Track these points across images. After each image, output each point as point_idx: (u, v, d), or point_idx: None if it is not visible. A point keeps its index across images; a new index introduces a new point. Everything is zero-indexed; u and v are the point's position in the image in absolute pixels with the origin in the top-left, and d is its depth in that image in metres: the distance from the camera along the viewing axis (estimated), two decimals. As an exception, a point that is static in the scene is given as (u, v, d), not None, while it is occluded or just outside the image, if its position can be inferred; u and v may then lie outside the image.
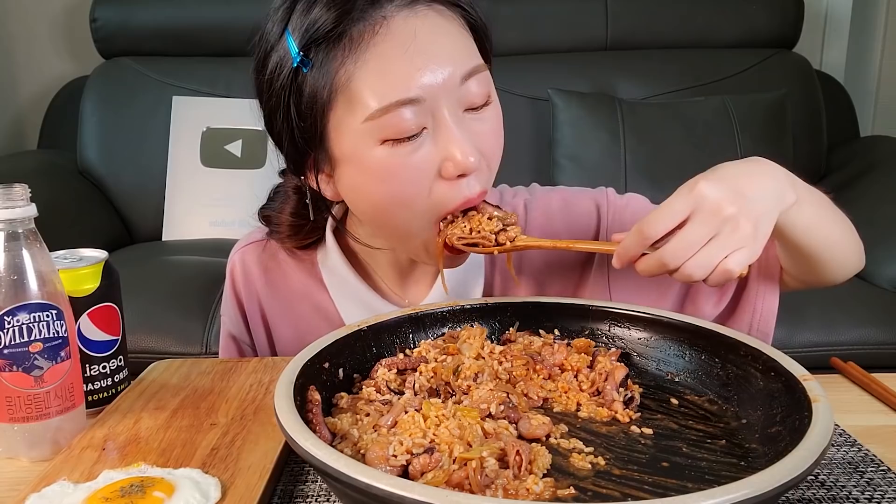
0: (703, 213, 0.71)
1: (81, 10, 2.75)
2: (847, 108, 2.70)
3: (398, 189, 0.79)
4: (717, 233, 0.71)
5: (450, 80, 0.77)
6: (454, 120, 0.78)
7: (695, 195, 0.72)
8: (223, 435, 0.73)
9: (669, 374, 0.80)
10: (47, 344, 0.73)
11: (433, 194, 0.80)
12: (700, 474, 0.62)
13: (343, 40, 0.76)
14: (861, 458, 0.69)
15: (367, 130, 0.77)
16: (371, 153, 0.78)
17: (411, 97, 0.76)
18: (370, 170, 0.79)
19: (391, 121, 0.76)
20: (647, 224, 0.73)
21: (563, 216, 0.99)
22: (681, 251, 0.72)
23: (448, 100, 0.78)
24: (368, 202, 0.83)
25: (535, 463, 0.61)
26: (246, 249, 1.04)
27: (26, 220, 0.72)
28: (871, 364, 0.94)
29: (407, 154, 0.78)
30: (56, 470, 0.68)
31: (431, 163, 0.79)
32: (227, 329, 1.06)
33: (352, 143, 0.79)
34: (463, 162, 0.78)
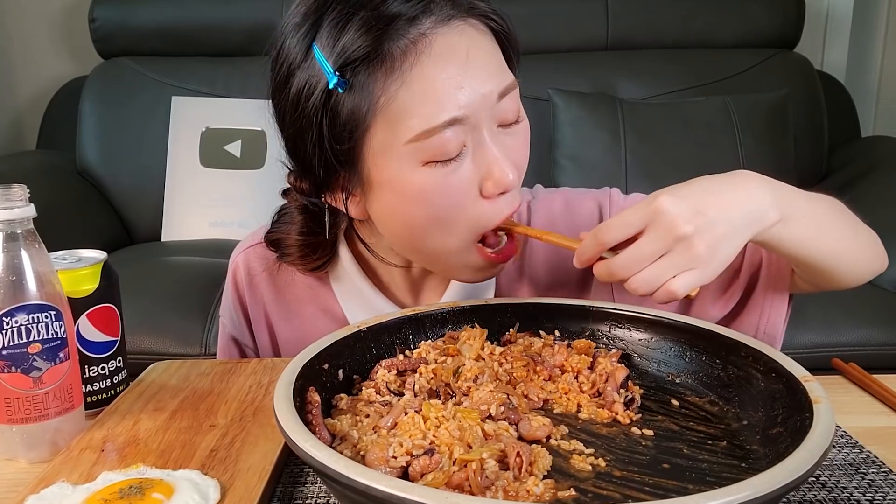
0: (658, 228, 0.70)
1: (80, 10, 2.75)
2: (848, 108, 2.70)
3: (439, 211, 0.79)
4: (669, 250, 0.70)
5: (489, 97, 0.77)
6: (492, 138, 0.78)
7: (652, 209, 0.71)
8: (222, 436, 0.73)
9: (670, 375, 0.80)
10: (46, 345, 0.73)
11: (473, 213, 0.80)
12: (701, 476, 0.62)
13: (385, 61, 0.74)
14: (862, 460, 0.69)
15: (410, 152, 0.76)
16: (413, 175, 0.77)
17: (456, 117, 0.75)
18: (411, 192, 0.78)
19: (435, 142, 0.75)
20: (603, 230, 0.73)
21: (565, 217, 0.99)
22: (630, 264, 0.71)
23: (487, 119, 0.78)
24: (404, 224, 0.82)
25: (536, 464, 0.61)
26: (249, 251, 1.02)
27: (25, 220, 0.72)
28: (873, 365, 0.94)
29: (448, 174, 0.77)
30: (55, 471, 0.68)
31: (471, 182, 0.78)
32: (228, 331, 1.04)
33: (392, 165, 0.77)
34: (503, 180, 0.78)
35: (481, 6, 0.80)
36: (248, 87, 2.53)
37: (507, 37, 0.83)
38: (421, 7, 0.75)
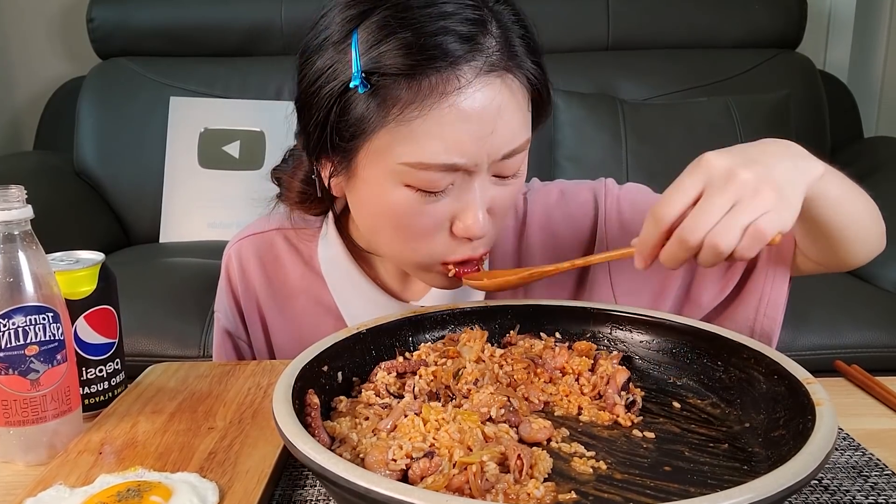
0: (718, 181, 0.66)
1: (78, 10, 2.75)
2: (851, 108, 2.70)
3: (406, 230, 0.82)
4: (738, 199, 0.66)
5: (494, 155, 0.78)
6: (481, 187, 0.80)
7: (703, 167, 0.68)
8: (221, 439, 0.73)
9: (671, 377, 0.80)
10: (43, 347, 0.73)
11: (438, 243, 0.82)
12: (702, 478, 0.62)
13: (412, 86, 0.75)
14: (865, 463, 0.69)
15: (398, 171, 0.77)
16: (393, 191, 0.79)
17: (456, 164, 0.77)
18: (385, 204, 0.80)
19: (425, 175, 0.77)
20: (660, 206, 0.69)
21: (561, 208, 1.00)
22: (701, 223, 0.66)
23: (484, 170, 0.79)
24: (373, 226, 0.86)
25: (536, 467, 0.61)
26: (242, 243, 1.04)
27: (22, 221, 0.72)
28: (876, 367, 0.94)
29: (424, 203, 0.79)
30: (52, 474, 0.68)
31: (444, 216, 0.81)
32: (222, 325, 1.05)
33: (379, 174, 0.79)
34: (471, 228, 0.80)
35: (528, 63, 0.80)
36: (246, 87, 2.54)
37: (542, 93, 0.84)
38: (468, 49, 0.75)
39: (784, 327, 1.78)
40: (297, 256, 1.02)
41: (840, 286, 1.95)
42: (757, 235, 0.66)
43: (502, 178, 0.82)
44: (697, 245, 0.67)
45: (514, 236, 1.01)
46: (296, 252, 1.02)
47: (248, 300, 1.03)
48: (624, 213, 0.98)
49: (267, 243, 1.03)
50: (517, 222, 1.01)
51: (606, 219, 0.98)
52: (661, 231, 0.69)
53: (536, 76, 0.81)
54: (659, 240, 0.70)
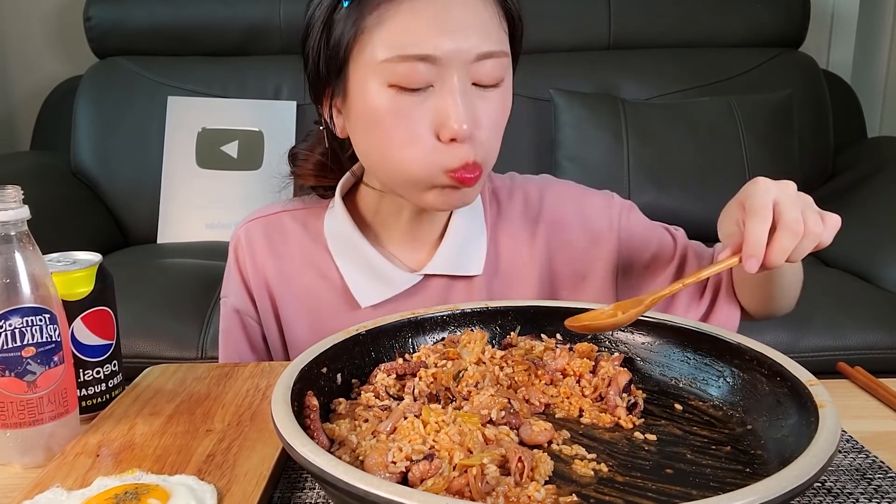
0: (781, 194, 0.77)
1: (75, 9, 2.75)
2: (854, 108, 2.69)
3: (394, 133, 0.86)
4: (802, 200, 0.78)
5: (467, 52, 0.84)
6: (460, 88, 0.84)
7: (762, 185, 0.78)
8: (219, 441, 0.73)
9: (673, 379, 0.80)
10: (40, 348, 0.73)
11: (430, 149, 0.86)
12: (705, 481, 0.62)
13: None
14: (868, 465, 0.69)
15: (381, 70, 0.84)
16: (378, 93, 0.85)
17: (427, 54, 0.83)
18: (375, 111, 0.86)
19: (403, 69, 0.83)
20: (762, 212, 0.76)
21: (576, 205, 1.06)
22: (797, 215, 0.76)
23: (459, 69, 0.84)
24: (369, 144, 0.91)
25: (537, 470, 0.61)
26: (250, 224, 1.07)
27: (19, 222, 0.72)
28: (879, 369, 0.94)
29: (407, 105, 0.85)
30: (49, 477, 0.68)
31: (427, 120, 0.85)
32: (231, 305, 1.07)
33: (366, 78, 0.86)
34: (453, 128, 0.84)
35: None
36: (245, 87, 2.54)
37: (513, 17, 0.91)
38: None
39: (787, 329, 1.79)
40: (303, 233, 1.05)
41: (843, 288, 1.95)
42: (833, 221, 0.79)
43: (483, 87, 0.87)
44: (803, 232, 0.76)
45: (525, 225, 1.05)
46: (303, 229, 1.05)
47: (257, 279, 1.05)
48: (633, 225, 1.05)
49: (274, 223, 1.07)
50: (530, 212, 1.05)
51: (619, 227, 1.04)
52: (767, 230, 0.76)
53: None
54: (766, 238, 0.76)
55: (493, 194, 1.07)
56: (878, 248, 2.04)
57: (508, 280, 1.03)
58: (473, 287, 1.01)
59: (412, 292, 1.00)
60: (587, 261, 1.04)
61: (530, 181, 1.09)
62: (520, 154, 2.42)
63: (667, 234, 1.06)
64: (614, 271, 1.04)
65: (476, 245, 1.02)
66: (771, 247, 0.76)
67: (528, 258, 1.03)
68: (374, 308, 1.00)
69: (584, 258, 1.04)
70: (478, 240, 1.02)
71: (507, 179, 1.09)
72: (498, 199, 1.06)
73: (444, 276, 1.01)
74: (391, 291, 1.00)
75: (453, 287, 1.02)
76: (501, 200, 1.06)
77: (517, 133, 2.48)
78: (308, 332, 1.03)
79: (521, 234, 1.04)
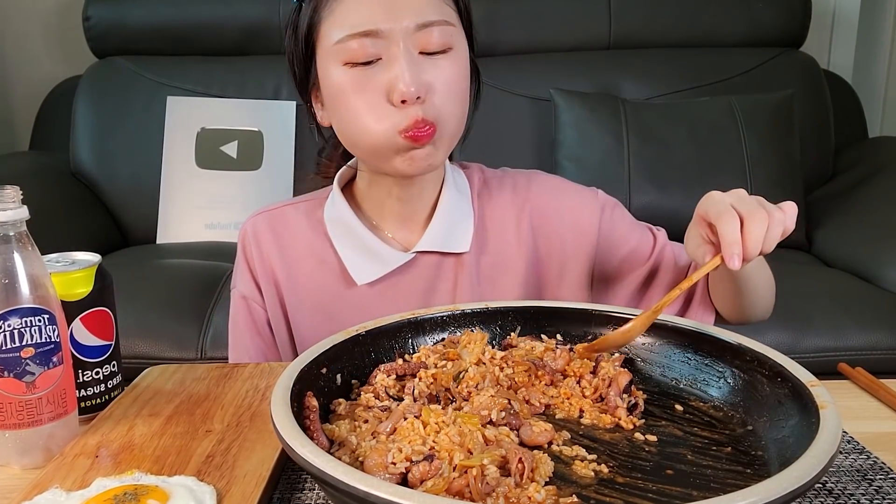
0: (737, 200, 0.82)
1: (74, 9, 2.75)
2: (855, 108, 2.69)
3: (353, 105, 0.95)
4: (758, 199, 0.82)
5: (405, 21, 0.92)
6: (404, 54, 0.92)
7: (717, 194, 0.84)
8: (219, 442, 0.73)
9: (674, 379, 0.80)
10: (39, 349, 0.73)
11: (385, 113, 0.94)
12: (705, 482, 0.62)
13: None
14: (870, 466, 0.69)
15: (335, 52, 0.94)
16: (336, 73, 0.95)
17: (370, 29, 0.92)
18: (337, 90, 0.96)
19: (351, 46, 0.93)
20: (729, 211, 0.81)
21: (561, 200, 1.11)
22: (761, 214, 0.80)
23: (403, 40, 0.92)
24: (341, 120, 0.99)
25: (538, 471, 0.61)
26: (256, 218, 1.14)
27: (18, 222, 0.72)
28: (880, 370, 0.94)
29: (361, 77, 0.94)
30: (48, 478, 0.68)
31: (380, 86, 0.93)
32: (239, 293, 1.12)
33: (326, 62, 0.97)
34: (402, 88, 0.91)
35: None
36: (244, 87, 2.53)
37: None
38: None
39: (788, 330, 1.78)
40: (305, 224, 1.11)
41: (844, 288, 1.95)
42: (789, 209, 0.82)
43: (430, 54, 0.94)
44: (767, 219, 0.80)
45: (513, 212, 1.10)
46: (305, 219, 1.12)
47: (264, 269, 1.11)
48: (615, 222, 1.10)
49: (278, 217, 1.13)
50: (518, 200, 1.11)
51: (601, 223, 1.09)
52: (738, 228, 0.80)
53: None
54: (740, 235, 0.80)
55: (483, 183, 1.13)
56: (880, 248, 2.04)
57: (497, 258, 1.08)
58: (463, 264, 1.07)
59: (405, 269, 1.06)
60: (569, 252, 1.09)
61: (520, 173, 1.16)
62: (520, 154, 2.42)
63: (648, 233, 1.11)
64: (590, 266, 1.09)
65: (463, 224, 1.08)
66: (745, 238, 0.79)
67: (515, 239, 1.09)
68: (369, 286, 1.05)
69: (566, 249, 1.09)
70: (465, 220, 1.08)
71: (499, 172, 1.16)
72: (489, 187, 1.13)
73: (435, 254, 1.07)
74: (385, 269, 1.05)
75: (443, 264, 1.07)
76: (492, 188, 1.13)
77: (517, 133, 2.48)
78: (309, 316, 1.09)
79: (509, 216, 1.10)
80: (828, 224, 2.29)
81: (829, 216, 2.31)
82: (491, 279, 1.07)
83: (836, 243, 2.22)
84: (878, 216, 2.15)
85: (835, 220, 2.28)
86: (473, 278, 1.06)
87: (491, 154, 1.50)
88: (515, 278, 1.07)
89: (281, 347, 1.11)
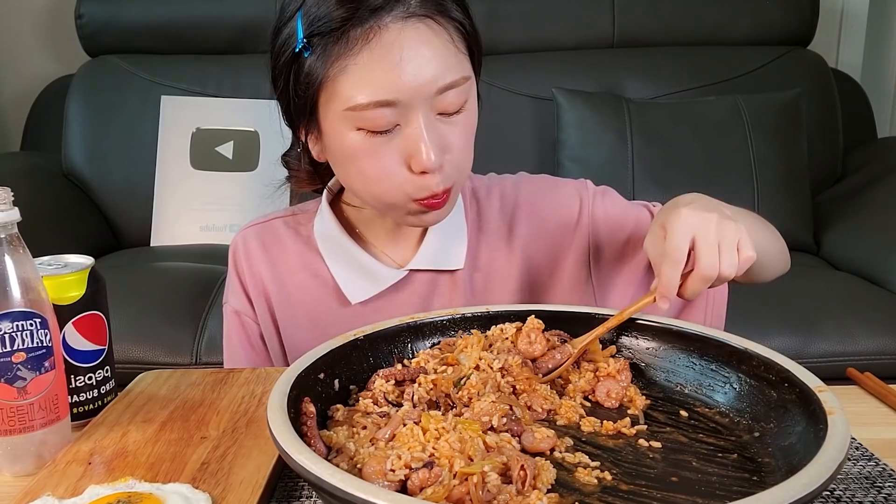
0: (701, 229, 0.81)
1: (66, 6, 2.75)
2: (864, 107, 2.69)
3: (367, 170, 0.92)
4: (721, 237, 0.81)
5: (426, 89, 0.89)
6: (425, 123, 0.90)
7: (683, 220, 0.82)
8: (214, 448, 0.73)
9: (679, 385, 0.80)
10: (31, 354, 0.73)
11: (404, 185, 0.92)
12: (711, 489, 0.62)
13: (342, 39, 0.88)
14: (878, 473, 0.69)
15: (347, 117, 0.90)
16: (348, 135, 0.91)
17: (389, 99, 0.88)
18: (344, 148, 0.93)
19: (368, 115, 0.89)
20: (674, 255, 0.80)
21: (549, 198, 1.11)
22: (712, 261, 0.80)
23: (423, 105, 0.89)
24: (345, 173, 0.97)
25: (539, 478, 0.61)
26: (247, 231, 1.14)
27: (9, 224, 0.72)
28: (890, 375, 0.94)
29: (378, 144, 0.91)
30: (40, 485, 0.68)
31: (398, 155, 0.91)
32: (232, 307, 1.13)
33: (335, 123, 0.92)
34: (422, 160, 0.89)
35: (452, 7, 0.93)
36: (240, 86, 2.54)
37: (468, 36, 0.95)
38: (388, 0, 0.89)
39: (795, 334, 1.79)
40: (296, 237, 1.11)
41: (853, 291, 1.95)
42: (746, 258, 0.82)
43: (448, 115, 0.92)
44: (715, 277, 0.80)
45: (503, 221, 1.10)
46: (295, 233, 1.11)
47: (255, 283, 1.11)
48: (607, 208, 1.10)
49: (269, 229, 1.13)
50: (506, 208, 1.11)
51: (592, 212, 1.09)
52: (681, 272, 0.81)
53: (462, 18, 0.94)
54: (679, 277, 0.81)
55: (472, 194, 1.12)
56: (889, 251, 2.04)
57: (489, 273, 1.08)
58: (457, 281, 1.06)
59: (398, 287, 1.06)
60: (560, 251, 1.09)
61: (506, 179, 1.16)
62: (521, 155, 2.43)
63: (645, 211, 1.10)
64: (586, 258, 1.09)
65: (457, 241, 1.07)
66: (683, 287, 0.82)
67: (507, 252, 1.08)
68: (363, 304, 1.05)
69: (556, 249, 1.09)
70: (458, 236, 1.08)
71: (486, 179, 1.16)
72: (477, 197, 1.12)
73: (428, 271, 1.06)
74: (378, 287, 1.05)
75: (437, 281, 1.07)
76: (480, 198, 1.12)
77: (519, 133, 2.48)
78: (303, 331, 1.08)
79: (500, 229, 1.09)
80: (836, 226, 2.29)
81: (838, 218, 2.31)
82: (485, 293, 1.07)
83: (844, 246, 2.22)
84: (887, 218, 2.15)
85: (843, 222, 2.28)
86: (468, 294, 1.06)
87: (491, 155, 1.50)
88: (509, 288, 1.07)
89: (274, 360, 1.12)
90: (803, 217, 2.30)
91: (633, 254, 1.08)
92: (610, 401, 0.78)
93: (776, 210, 2.17)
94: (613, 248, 1.08)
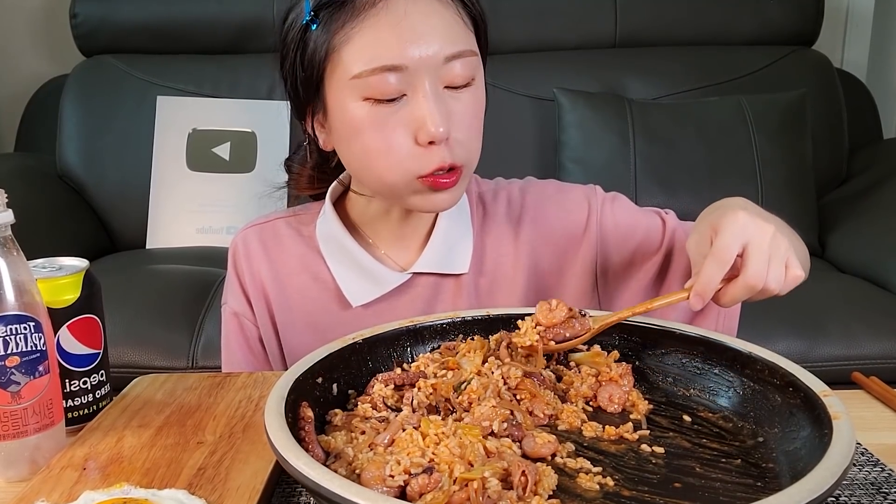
0: (756, 237, 0.79)
1: (61, 6, 2.75)
2: (870, 108, 2.70)
3: (372, 144, 0.92)
4: (773, 252, 0.79)
5: (434, 56, 0.89)
6: (432, 92, 0.90)
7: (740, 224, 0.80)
8: (210, 454, 0.73)
9: (682, 389, 0.80)
10: (25, 358, 0.73)
11: (408, 161, 0.92)
12: (714, 495, 0.62)
13: (346, 7, 0.90)
14: (884, 479, 0.69)
15: (353, 86, 0.90)
16: (354, 107, 0.91)
17: (395, 64, 0.88)
18: (353, 124, 0.92)
19: (374, 82, 0.89)
20: (722, 254, 0.79)
21: (556, 203, 1.10)
22: (761, 271, 0.78)
23: (429, 74, 0.90)
24: (351, 154, 0.97)
25: (541, 483, 0.61)
26: (247, 231, 1.13)
27: (3, 226, 0.72)
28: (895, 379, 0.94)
29: (384, 115, 0.91)
30: (34, 491, 0.68)
31: (404, 126, 0.91)
32: (230, 309, 1.13)
33: (341, 94, 0.92)
34: (430, 130, 0.89)
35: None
36: (237, 86, 2.54)
37: (475, 16, 0.97)
38: None
39: (800, 338, 1.78)
40: (297, 238, 1.11)
41: (858, 295, 1.95)
42: (793, 277, 0.82)
43: (454, 89, 0.92)
44: (760, 289, 0.79)
45: (510, 225, 1.09)
46: (297, 234, 1.11)
47: (254, 284, 1.10)
48: (617, 215, 1.08)
49: (270, 230, 1.12)
50: (513, 212, 1.10)
51: (601, 220, 1.07)
52: (724, 275, 0.80)
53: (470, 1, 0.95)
54: (721, 277, 0.80)
55: (478, 198, 1.12)
56: (893, 255, 2.04)
57: (494, 278, 1.07)
58: (461, 285, 1.06)
59: (401, 290, 1.05)
60: (566, 259, 1.08)
61: (513, 183, 1.15)
62: (522, 156, 2.43)
63: (656, 218, 1.08)
64: (593, 266, 1.08)
65: (462, 244, 1.06)
66: (722, 291, 0.81)
67: (513, 257, 1.08)
68: (364, 307, 1.05)
69: (563, 257, 1.08)
70: (464, 239, 1.07)
71: (492, 184, 1.15)
72: (483, 201, 1.12)
73: (432, 275, 1.06)
74: (381, 290, 1.04)
75: (441, 285, 1.06)
76: (487, 202, 1.11)
77: (519, 134, 2.48)
78: (302, 334, 1.08)
79: (506, 233, 1.09)
80: (841, 228, 2.29)
81: (843, 220, 2.31)
82: (490, 298, 1.06)
83: (849, 248, 2.22)
84: (893, 220, 2.15)
85: (848, 224, 2.28)
86: (472, 299, 1.05)
87: (492, 156, 1.49)
88: (514, 294, 1.06)
89: (273, 364, 1.11)
90: (808, 219, 2.30)
91: (640, 262, 1.07)
92: (612, 405, 0.78)
93: (780, 212, 2.14)
94: (622, 256, 1.07)
